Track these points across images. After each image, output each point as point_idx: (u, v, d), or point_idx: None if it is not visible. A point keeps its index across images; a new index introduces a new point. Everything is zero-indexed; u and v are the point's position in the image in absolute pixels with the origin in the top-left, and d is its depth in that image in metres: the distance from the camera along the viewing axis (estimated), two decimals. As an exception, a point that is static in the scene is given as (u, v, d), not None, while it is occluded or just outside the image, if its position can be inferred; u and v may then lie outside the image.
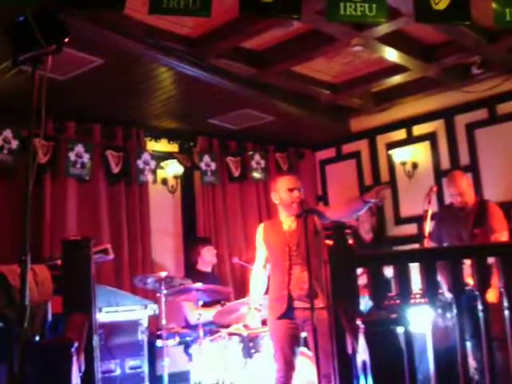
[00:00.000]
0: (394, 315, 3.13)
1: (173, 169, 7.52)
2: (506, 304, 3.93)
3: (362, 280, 5.58)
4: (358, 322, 3.11)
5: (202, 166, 7.69)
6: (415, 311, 5.06)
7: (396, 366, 2.94)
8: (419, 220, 7.60)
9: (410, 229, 7.84)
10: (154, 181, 7.26)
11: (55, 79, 5.60)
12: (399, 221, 8.13)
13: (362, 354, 3.09)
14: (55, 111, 6.05)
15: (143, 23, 5.27)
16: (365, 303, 4.69)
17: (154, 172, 7.28)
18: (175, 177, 7.56)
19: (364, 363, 3.07)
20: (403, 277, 3.72)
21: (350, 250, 3.73)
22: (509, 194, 6.84)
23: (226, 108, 7.05)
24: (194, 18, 5.11)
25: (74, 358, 2.91)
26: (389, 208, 8.22)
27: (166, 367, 5.54)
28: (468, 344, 5.31)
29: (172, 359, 5.93)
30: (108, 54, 5.38)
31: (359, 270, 4.00)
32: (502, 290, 3.93)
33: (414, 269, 3.95)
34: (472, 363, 5.45)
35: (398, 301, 4.46)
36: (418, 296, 5.08)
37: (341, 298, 3.62)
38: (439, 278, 4.18)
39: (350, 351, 3.51)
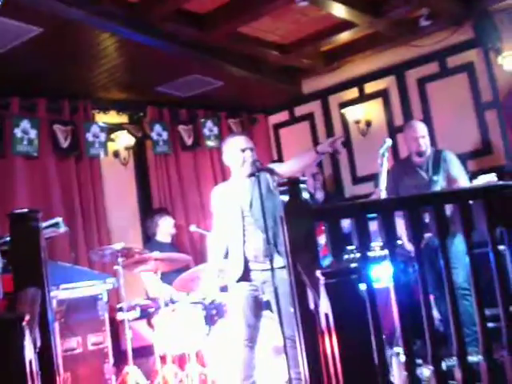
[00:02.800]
0: (353, 266, 3.07)
1: (124, 140, 7.35)
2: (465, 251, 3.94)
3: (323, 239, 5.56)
4: (318, 275, 3.04)
5: (154, 135, 7.54)
6: (376, 265, 5.06)
7: (359, 316, 2.88)
8: (376, 178, 7.61)
9: (368, 188, 7.79)
10: (105, 153, 7.08)
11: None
12: (356, 180, 8.11)
13: (324, 308, 3.03)
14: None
15: (82, -12, 5.10)
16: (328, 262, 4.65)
17: (104, 144, 7.09)
18: (126, 148, 7.39)
19: (326, 317, 3.01)
20: (361, 228, 3.67)
21: (306, 205, 3.66)
22: (462, 146, 6.85)
23: (173, 74, 6.89)
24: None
25: (27, 333, 2.79)
26: (345, 167, 8.20)
27: (130, 341, 5.43)
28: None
29: (135, 333, 5.82)
30: (47, 22, 5.18)
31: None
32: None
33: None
34: (436, 315, 5.49)
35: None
36: (378, 249, 5.05)
37: (299, 253, 3.55)
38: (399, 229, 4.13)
39: (312, 307, 3.46)
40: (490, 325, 4.12)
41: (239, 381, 4.73)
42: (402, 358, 4.35)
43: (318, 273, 3.06)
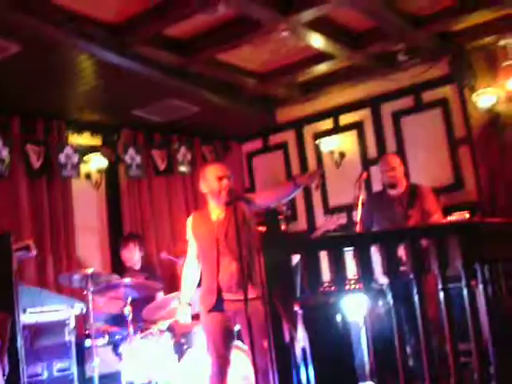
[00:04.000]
0: (332, 300, 3.04)
1: (96, 163, 7.26)
2: (440, 286, 3.94)
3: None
4: (296, 308, 3.01)
5: (127, 159, 7.47)
6: (349, 298, 5.02)
7: (337, 350, 2.86)
8: (349, 209, 7.63)
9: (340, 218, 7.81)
10: (77, 175, 6.99)
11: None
12: (328, 210, 8.11)
13: (301, 342, 2.99)
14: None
15: (63, 8, 5.05)
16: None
17: (76, 166, 7.00)
18: (99, 171, 7.30)
19: (304, 351, 2.98)
20: (338, 262, 3.64)
21: (283, 236, 3.64)
22: (435, 181, 6.89)
23: (150, 98, 6.85)
24: (117, 2, 4.92)
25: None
26: (317, 197, 8.20)
27: (97, 368, 5.28)
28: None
29: (102, 360, 5.67)
30: (26, 40, 5.11)
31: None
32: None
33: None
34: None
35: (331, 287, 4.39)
36: (352, 282, 5.04)
37: (276, 285, 3.51)
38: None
39: (287, 340, 3.41)
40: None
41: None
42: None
43: (296, 306, 3.03)
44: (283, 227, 3.59)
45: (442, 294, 3.91)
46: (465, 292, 3.92)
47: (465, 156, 7.17)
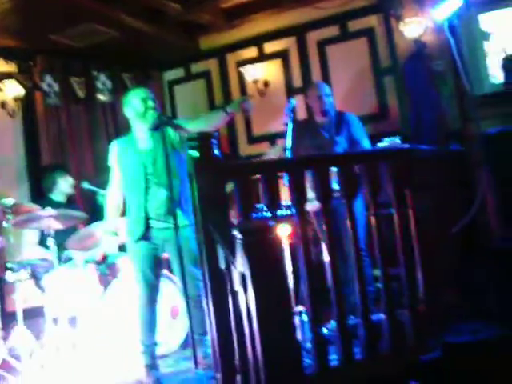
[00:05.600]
0: (269, 224, 2.97)
1: (12, 90, 6.88)
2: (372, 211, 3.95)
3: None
4: (235, 233, 2.94)
5: (44, 86, 7.12)
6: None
7: (277, 275, 2.81)
8: (272, 138, 7.58)
9: (263, 147, 7.75)
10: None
11: None
12: (252, 139, 8.04)
13: (240, 267, 2.93)
14: None
15: None
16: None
17: (-10, 95, 6.64)
18: (15, 99, 6.92)
19: (242, 276, 2.92)
20: (271, 186, 3.58)
21: (217, 161, 3.53)
22: (359, 110, 6.83)
23: (68, 22, 6.46)
24: None
25: None
26: (241, 127, 8.10)
27: (19, 302, 5.10)
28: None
29: (23, 294, 5.45)
30: None
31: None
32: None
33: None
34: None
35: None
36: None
37: (210, 211, 3.42)
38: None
39: (222, 266, 3.35)
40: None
41: (139, 342, 4.59)
42: (305, 317, 4.36)
43: (236, 231, 2.95)
44: (217, 152, 3.45)
45: (373, 220, 3.94)
46: (396, 217, 3.97)
47: (390, 86, 7.19)
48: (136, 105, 4.58)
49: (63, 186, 6.26)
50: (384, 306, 3.84)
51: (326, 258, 5.32)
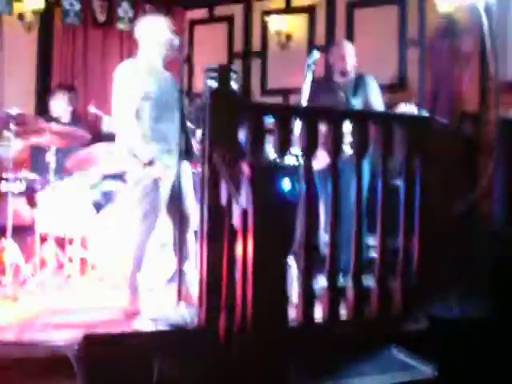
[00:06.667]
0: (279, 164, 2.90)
1: (32, 2, 6.72)
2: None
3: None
4: (243, 167, 2.85)
5: (65, 4, 6.98)
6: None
7: (281, 217, 2.72)
8: (286, 93, 7.47)
9: (276, 101, 7.63)
10: (10, 12, 6.47)
11: None
12: (266, 92, 7.91)
13: (244, 202, 2.84)
14: None
15: None
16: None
17: (9, 3, 6.48)
18: (34, 12, 6.77)
19: (244, 213, 2.83)
20: (284, 129, 3.50)
21: (234, 95, 3.44)
22: (379, 77, 6.72)
23: None
24: None
25: None
26: (256, 78, 7.96)
27: (11, 214, 4.93)
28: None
29: (15, 208, 5.33)
30: None
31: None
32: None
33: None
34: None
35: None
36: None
37: (220, 144, 3.33)
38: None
39: (224, 203, 3.27)
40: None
41: (129, 271, 4.45)
42: (295, 270, 4.30)
43: (244, 165, 2.87)
44: (235, 86, 3.36)
45: (380, 185, 3.86)
46: (402, 185, 3.89)
47: (413, 58, 7.05)
48: (158, 32, 4.44)
49: (55, 106, 6.13)
50: (377, 272, 3.79)
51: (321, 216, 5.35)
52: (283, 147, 3.48)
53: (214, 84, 3.39)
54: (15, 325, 3.91)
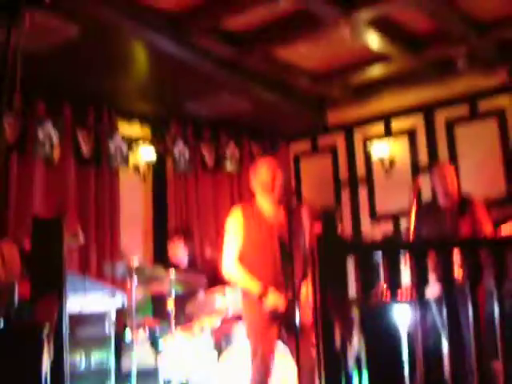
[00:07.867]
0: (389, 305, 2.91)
1: (145, 155, 7.19)
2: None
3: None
4: (355, 312, 2.89)
5: (175, 152, 7.40)
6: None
7: (392, 359, 2.72)
8: (395, 217, 7.46)
9: (386, 226, 7.64)
10: (126, 165, 6.94)
11: (26, 48, 5.23)
12: (375, 217, 7.93)
13: (356, 347, 2.86)
14: (24, 86, 5.69)
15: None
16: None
17: (125, 157, 6.96)
18: (147, 163, 7.23)
19: (357, 358, 2.85)
20: (393, 265, 3.51)
21: (339, 239, 3.52)
22: (487, 192, 6.69)
23: (202, 91, 6.75)
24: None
25: (45, 345, 2.64)
26: (364, 204, 8.03)
27: (135, 363, 5.09)
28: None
29: (139, 355, 5.50)
30: (83, 22, 5.04)
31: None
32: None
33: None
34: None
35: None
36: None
37: (331, 287, 3.38)
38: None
39: (337, 346, 3.28)
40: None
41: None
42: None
43: (355, 309, 2.91)
44: (339, 230, 3.45)
45: (496, 309, 3.77)
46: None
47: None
48: (263, 175, 4.54)
49: (172, 251, 6.35)
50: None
51: (445, 347, 5.20)
52: (394, 283, 3.49)
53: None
54: None
